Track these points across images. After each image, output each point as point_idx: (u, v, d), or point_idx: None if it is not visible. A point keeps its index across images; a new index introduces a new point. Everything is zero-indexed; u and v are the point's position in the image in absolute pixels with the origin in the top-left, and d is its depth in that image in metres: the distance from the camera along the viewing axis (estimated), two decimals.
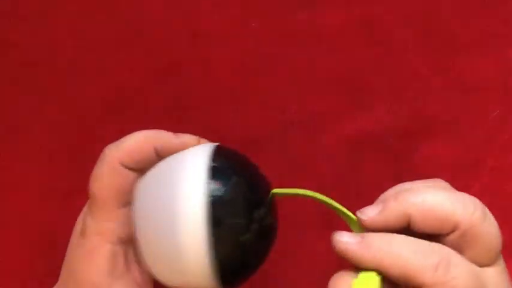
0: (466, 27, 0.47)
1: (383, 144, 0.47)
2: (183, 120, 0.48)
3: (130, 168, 0.36)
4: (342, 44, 0.47)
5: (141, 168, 0.36)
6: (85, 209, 0.38)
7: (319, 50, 0.47)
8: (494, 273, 0.34)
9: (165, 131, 0.37)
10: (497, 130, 0.47)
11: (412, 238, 0.33)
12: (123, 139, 0.37)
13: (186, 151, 0.36)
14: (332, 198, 0.37)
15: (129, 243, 0.37)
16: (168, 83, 0.48)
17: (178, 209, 0.33)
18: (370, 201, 0.39)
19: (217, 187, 0.33)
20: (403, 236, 0.33)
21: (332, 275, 0.43)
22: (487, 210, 0.34)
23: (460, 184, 0.47)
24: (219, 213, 0.33)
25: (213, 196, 0.33)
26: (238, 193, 0.34)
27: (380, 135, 0.47)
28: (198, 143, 0.38)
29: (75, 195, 0.47)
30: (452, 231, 0.33)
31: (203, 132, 0.48)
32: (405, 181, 0.49)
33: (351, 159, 0.47)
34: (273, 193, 0.36)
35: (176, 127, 0.48)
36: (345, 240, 0.34)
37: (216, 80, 0.47)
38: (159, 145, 0.36)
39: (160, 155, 0.36)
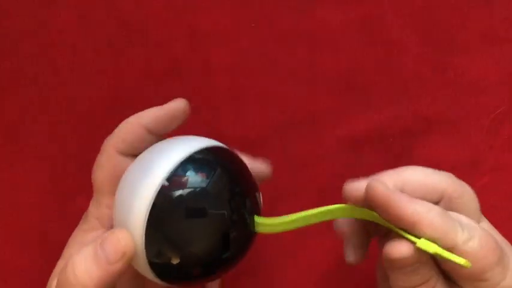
0: (466, 27, 0.46)
1: (383, 144, 0.47)
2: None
3: (128, 154, 0.37)
4: (342, 44, 0.47)
5: (138, 152, 0.37)
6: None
7: (319, 50, 0.47)
8: (487, 226, 0.37)
9: (154, 107, 0.37)
10: (497, 130, 0.47)
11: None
12: (118, 127, 0.38)
13: (166, 144, 0.36)
14: (331, 198, 0.37)
15: None
16: (168, 83, 0.48)
17: (131, 208, 0.34)
18: None
19: (163, 202, 0.33)
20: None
21: (332, 275, 0.43)
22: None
23: None
24: (156, 220, 0.33)
25: (155, 206, 0.33)
26: (179, 209, 0.34)
27: (380, 135, 0.47)
28: (185, 104, 0.38)
29: (75, 196, 0.48)
30: (439, 200, 0.35)
31: (203, 132, 0.48)
32: None
33: (351, 159, 0.47)
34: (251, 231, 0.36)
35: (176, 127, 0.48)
36: (388, 189, 0.33)
37: (216, 80, 0.47)
38: (148, 122, 0.37)
39: (153, 133, 0.37)
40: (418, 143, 0.47)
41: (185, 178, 0.34)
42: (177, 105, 0.37)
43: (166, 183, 0.33)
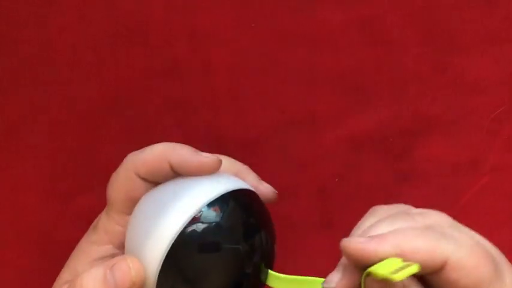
0: (466, 27, 0.46)
1: (383, 144, 0.47)
2: (183, 120, 0.48)
3: (145, 179, 0.36)
4: (342, 44, 0.47)
5: (156, 181, 0.36)
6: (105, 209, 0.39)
7: (319, 50, 0.47)
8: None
9: (187, 147, 0.36)
10: (497, 130, 0.47)
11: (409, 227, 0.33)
12: (145, 148, 0.37)
13: (191, 182, 0.35)
14: (331, 198, 0.37)
15: None
16: (168, 83, 0.48)
17: (148, 243, 0.34)
18: (369, 201, 0.39)
19: (181, 248, 0.33)
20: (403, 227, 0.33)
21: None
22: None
23: (459, 184, 0.48)
24: (172, 262, 0.33)
25: (173, 248, 0.33)
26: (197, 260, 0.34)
27: (380, 135, 0.47)
28: (218, 165, 0.36)
29: (75, 195, 0.48)
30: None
31: (203, 132, 0.48)
32: (405, 181, 0.49)
33: (351, 159, 0.47)
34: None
35: (176, 127, 0.48)
36: (358, 240, 0.32)
37: (216, 80, 0.47)
38: (175, 162, 0.35)
39: (175, 171, 0.36)
40: (418, 143, 0.47)
41: (207, 224, 0.34)
42: (209, 160, 0.36)
43: (188, 227, 0.33)
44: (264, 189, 0.38)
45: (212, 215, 0.34)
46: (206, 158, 0.35)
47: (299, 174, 0.48)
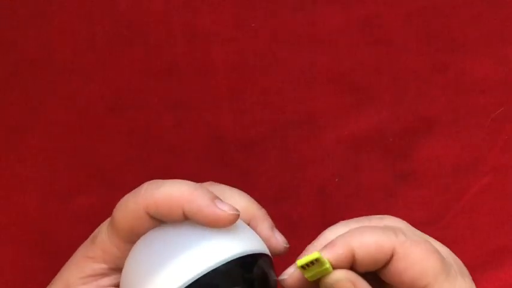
0: (466, 27, 0.46)
1: (383, 144, 0.47)
2: (183, 120, 0.48)
3: (154, 217, 0.35)
4: (342, 44, 0.47)
5: (166, 221, 0.35)
6: (109, 219, 0.38)
7: (319, 50, 0.47)
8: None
9: (206, 193, 0.34)
10: (497, 130, 0.47)
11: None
12: (162, 184, 0.35)
13: (201, 236, 0.34)
14: (331, 198, 0.37)
15: None
16: (168, 83, 0.48)
17: None
18: (369, 201, 0.40)
19: None
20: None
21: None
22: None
23: (460, 184, 0.48)
24: None
25: None
26: None
27: (380, 135, 0.47)
28: (234, 220, 0.34)
29: (75, 196, 0.48)
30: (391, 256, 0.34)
31: (203, 132, 0.48)
32: (405, 181, 0.49)
33: (351, 159, 0.47)
34: None
35: (176, 127, 0.48)
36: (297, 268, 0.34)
37: (216, 80, 0.47)
38: (189, 210, 0.34)
39: (188, 217, 0.34)
40: (418, 143, 0.47)
41: (212, 283, 0.32)
42: (226, 215, 0.33)
43: (191, 284, 0.32)
44: (275, 241, 0.37)
45: (216, 278, 0.32)
46: (223, 212, 0.33)
47: (299, 174, 0.48)
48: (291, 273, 0.35)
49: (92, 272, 0.36)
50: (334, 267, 0.33)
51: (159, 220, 0.35)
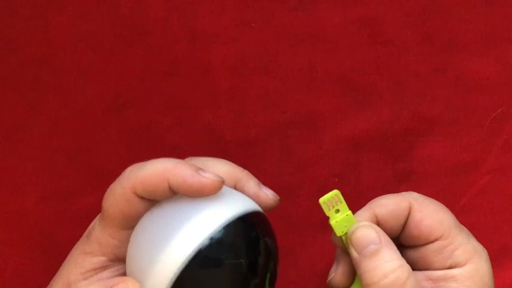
0: (466, 27, 0.46)
1: (383, 144, 0.47)
2: (183, 120, 0.48)
3: (142, 197, 0.35)
4: (342, 44, 0.47)
5: (153, 199, 0.36)
6: (100, 214, 0.39)
7: (319, 50, 0.47)
8: (474, 242, 0.38)
9: (189, 165, 0.35)
10: (497, 130, 0.47)
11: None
12: (145, 164, 0.35)
13: (195, 205, 0.34)
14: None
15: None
16: (168, 83, 0.48)
17: (149, 275, 0.33)
18: (369, 201, 0.39)
19: (191, 275, 0.33)
20: None
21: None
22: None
23: (460, 184, 0.48)
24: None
25: (181, 276, 0.33)
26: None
27: (380, 135, 0.47)
28: (219, 186, 0.34)
29: (75, 195, 0.48)
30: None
31: (203, 132, 0.48)
32: (405, 181, 0.49)
33: (351, 159, 0.48)
34: None
35: (176, 127, 0.48)
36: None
37: (216, 80, 0.47)
38: (174, 182, 0.34)
39: (174, 191, 0.35)
40: (418, 143, 0.47)
41: (212, 254, 0.33)
42: (210, 182, 0.34)
43: (194, 258, 0.33)
44: (265, 196, 0.38)
45: (217, 245, 0.33)
46: (207, 179, 0.34)
47: (299, 174, 0.48)
48: (335, 270, 0.38)
49: (92, 266, 0.36)
50: None
51: (147, 200, 0.35)
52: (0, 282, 0.49)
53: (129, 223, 0.36)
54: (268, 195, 0.38)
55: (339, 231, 0.37)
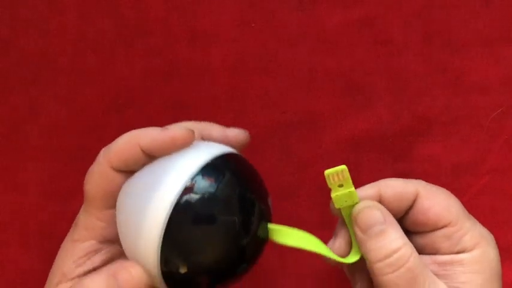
0: (466, 27, 0.46)
1: (383, 144, 0.47)
2: (183, 120, 0.48)
3: (121, 170, 0.36)
4: (342, 44, 0.47)
5: (131, 169, 0.36)
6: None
7: (319, 50, 0.47)
8: (480, 229, 0.38)
9: (154, 128, 0.36)
10: (497, 130, 0.47)
11: None
12: (115, 140, 0.36)
13: (171, 158, 0.35)
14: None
15: (119, 243, 0.37)
16: (168, 83, 0.48)
17: (141, 229, 0.33)
18: None
19: (180, 219, 0.33)
20: None
21: (332, 275, 0.43)
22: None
23: (460, 184, 0.48)
24: (170, 240, 0.33)
25: (169, 225, 0.33)
26: (201, 226, 0.34)
27: (380, 135, 0.47)
28: (191, 136, 0.35)
29: (75, 195, 0.47)
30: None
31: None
32: None
33: (351, 159, 0.47)
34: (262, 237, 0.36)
35: None
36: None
37: (216, 80, 0.47)
38: (146, 144, 0.35)
39: (149, 154, 0.35)
40: (418, 143, 0.47)
41: (200, 192, 0.34)
42: (179, 133, 0.35)
43: (181, 198, 0.33)
44: (232, 134, 0.39)
45: (203, 183, 0.34)
46: (176, 131, 0.35)
47: (299, 174, 0.48)
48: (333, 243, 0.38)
49: (83, 252, 0.37)
50: None
51: (126, 173, 0.36)
52: (0, 282, 0.49)
53: (112, 201, 0.36)
54: (235, 132, 0.39)
55: (337, 204, 0.37)
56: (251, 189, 0.35)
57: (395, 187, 0.37)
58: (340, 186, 0.37)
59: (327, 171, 0.36)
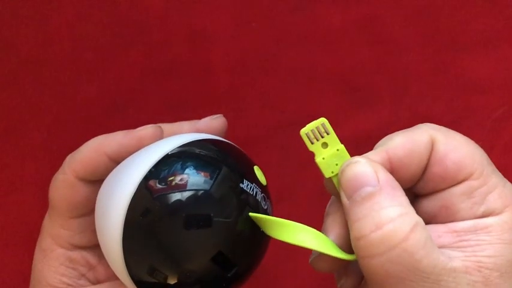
0: (466, 27, 0.46)
1: None
2: (183, 120, 0.48)
3: (87, 180, 0.34)
4: (342, 44, 0.47)
5: (98, 178, 0.34)
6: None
7: (319, 50, 0.47)
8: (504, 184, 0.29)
9: (118, 132, 0.34)
10: (498, 130, 0.47)
11: None
12: (79, 149, 0.34)
13: (132, 156, 0.32)
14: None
15: (90, 249, 0.36)
16: (168, 83, 0.48)
17: (105, 237, 0.31)
18: None
19: (134, 223, 0.29)
20: None
21: (332, 276, 0.43)
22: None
23: None
24: (130, 237, 0.30)
25: (128, 223, 0.30)
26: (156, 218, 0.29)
27: (380, 135, 0.47)
28: (159, 132, 0.33)
29: None
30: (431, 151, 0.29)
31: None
32: None
33: None
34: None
35: None
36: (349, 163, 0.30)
37: (216, 80, 0.47)
38: (112, 152, 0.33)
39: (117, 161, 0.33)
40: None
41: (148, 194, 0.30)
42: (144, 132, 0.33)
43: (130, 205, 0.30)
44: (203, 124, 0.36)
45: (156, 179, 0.30)
46: (142, 131, 0.33)
47: (299, 174, 0.48)
48: (316, 254, 0.30)
49: (56, 262, 0.35)
50: None
51: (91, 183, 0.34)
52: (0, 282, 0.49)
53: (76, 211, 0.34)
54: (205, 122, 0.36)
55: (327, 172, 0.29)
56: (223, 174, 0.30)
57: (406, 144, 0.28)
58: (324, 145, 0.29)
59: (303, 130, 0.28)
